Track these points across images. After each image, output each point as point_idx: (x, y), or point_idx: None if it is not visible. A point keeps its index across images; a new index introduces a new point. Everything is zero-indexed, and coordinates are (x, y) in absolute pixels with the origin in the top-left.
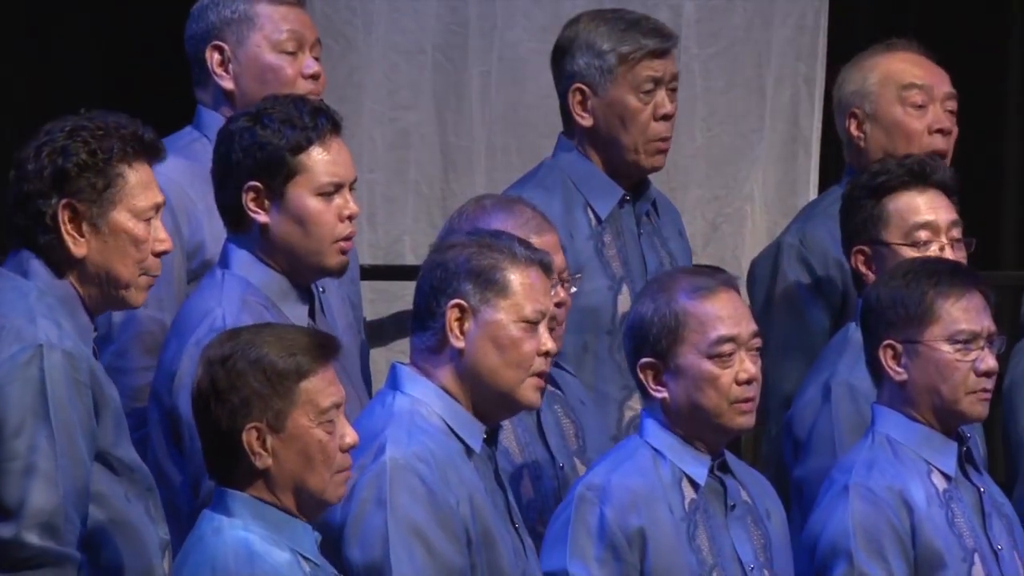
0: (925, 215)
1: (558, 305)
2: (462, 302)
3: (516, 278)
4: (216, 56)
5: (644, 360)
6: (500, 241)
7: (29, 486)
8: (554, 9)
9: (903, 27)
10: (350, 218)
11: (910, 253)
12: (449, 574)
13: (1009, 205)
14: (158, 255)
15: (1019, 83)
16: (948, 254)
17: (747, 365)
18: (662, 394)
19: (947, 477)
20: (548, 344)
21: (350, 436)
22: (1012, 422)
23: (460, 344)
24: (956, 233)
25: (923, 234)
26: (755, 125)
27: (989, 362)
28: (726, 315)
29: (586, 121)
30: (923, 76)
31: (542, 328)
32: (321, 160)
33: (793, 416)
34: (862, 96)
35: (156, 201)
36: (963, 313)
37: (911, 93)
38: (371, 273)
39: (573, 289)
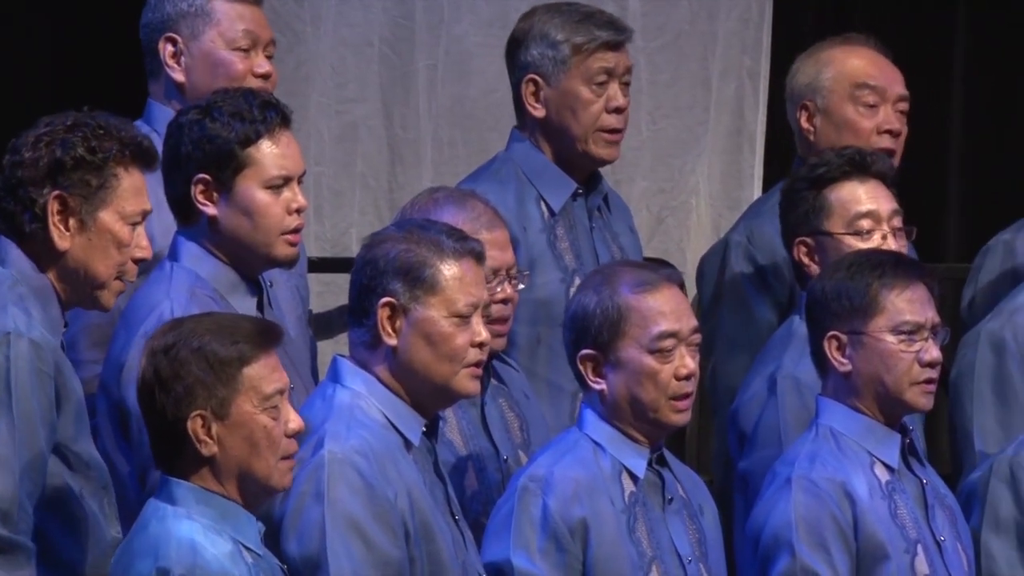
0: (867, 204)
1: (505, 301)
2: (392, 300)
3: (445, 273)
4: (169, 48)
5: (584, 351)
6: (429, 234)
7: None
8: (500, 4)
9: (848, 21)
10: (298, 211)
11: (853, 242)
12: (386, 567)
13: (952, 198)
14: (137, 261)
15: (963, 75)
16: (890, 242)
17: (687, 361)
18: (600, 386)
19: (890, 469)
20: (482, 335)
21: (294, 422)
22: (959, 413)
23: (393, 342)
24: (897, 222)
25: (865, 223)
26: (700, 118)
27: (933, 353)
28: (668, 310)
29: (538, 112)
30: (877, 76)
31: (475, 319)
32: (270, 153)
33: (739, 409)
34: (814, 90)
35: (144, 208)
36: (907, 304)
37: (863, 93)
38: (318, 266)
39: (521, 286)
